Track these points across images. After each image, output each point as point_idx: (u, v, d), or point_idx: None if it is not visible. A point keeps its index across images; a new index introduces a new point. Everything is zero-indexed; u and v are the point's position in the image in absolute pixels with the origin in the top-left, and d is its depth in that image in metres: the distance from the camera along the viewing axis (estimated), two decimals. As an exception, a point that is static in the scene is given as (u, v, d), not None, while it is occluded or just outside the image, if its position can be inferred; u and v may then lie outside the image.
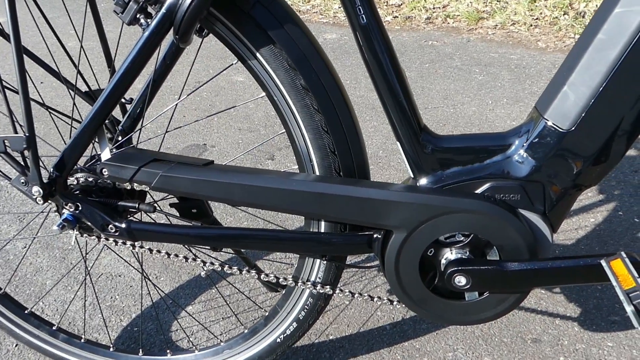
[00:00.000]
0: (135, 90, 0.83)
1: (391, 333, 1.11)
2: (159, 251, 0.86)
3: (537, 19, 2.72)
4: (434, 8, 3.10)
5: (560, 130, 0.69)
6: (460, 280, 0.74)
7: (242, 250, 1.09)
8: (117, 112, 0.89)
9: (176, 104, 0.90)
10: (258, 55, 0.73)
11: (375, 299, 0.86)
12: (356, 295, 0.85)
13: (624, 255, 0.66)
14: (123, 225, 0.79)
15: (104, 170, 0.77)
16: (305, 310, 0.91)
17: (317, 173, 0.79)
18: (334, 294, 0.87)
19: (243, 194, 0.75)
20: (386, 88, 0.73)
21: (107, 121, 0.96)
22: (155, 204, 0.81)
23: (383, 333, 1.11)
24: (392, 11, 3.19)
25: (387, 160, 1.72)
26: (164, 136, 1.31)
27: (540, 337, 1.07)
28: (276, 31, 0.72)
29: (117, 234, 0.79)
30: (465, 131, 1.84)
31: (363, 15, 0.70)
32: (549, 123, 0.70)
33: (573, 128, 0.68)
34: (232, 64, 0.82)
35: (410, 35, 2.81)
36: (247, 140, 1.92)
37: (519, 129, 0.75)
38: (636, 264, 0.66)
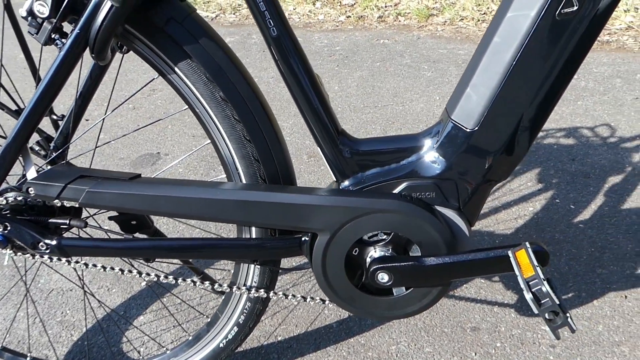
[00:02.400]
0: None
1: (337, 330, 1.14)
2: (94, 265, 0.87)
3: (484, 14, 2.79)
4: (385, 6, 3.15)
5: (466, 129, 0.73)
6: (383, 277, 0.77)
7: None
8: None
9: (103, 119, 0.91)
10: (176, 69, 0.75)
11: (308, 300, 0.88)
12: (289, 297, 0.87)
13: (528, 246, 0.70)
14: (53, 243, 0.80)
15: (30, 189, 0.78)
16: (245, 314, 0.93)
17: (244, 181, 0.82)
18: (272, 297, 0.89)
19: (169, 206, 0.77)
20: (302, 96, 0.76)
21: (40, 138, 0.97)
22: (87, 220, 0.83)
23: (330, 331, 1.14)
24: (345, 11, 3.22)
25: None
26: (94, 152, 1.31)
27: (479, 325, 1.11)
28: (191, 46, 0.74)
29: (48, 251, 0.80)
30: (413, 129, 1.88)
31: (274, 28, 0.72)
32: (456, 123, 0.73)
33: (477, 127, 0.72)
34: (153, 79, 0.84)
35: (363, 35, 2.85)
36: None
37: (431, 129, 0.79)
38: (539, 253, 0.71)
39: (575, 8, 0.64)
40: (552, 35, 0.66)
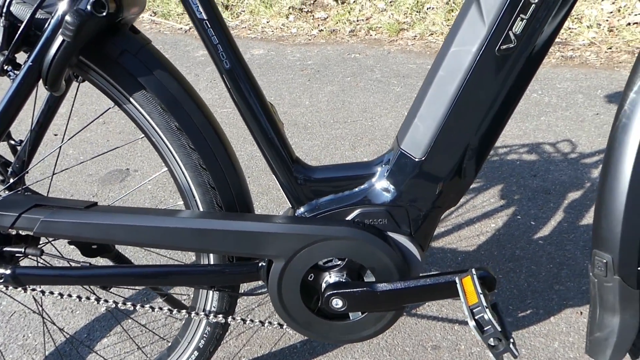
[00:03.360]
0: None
1: (301, 351, 1.15)
2: (51, 292, 0.87)
3: (453, 28, 2.83)
4: (357, 21, 3.18)
5: (414, 159, 0.75)
6: (337, 303, 0.79)
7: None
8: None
9: (60, 147, 0.91)
10: (132, 100, 0.76)
11: (266, 325, 0.89)
12: (247, 322, 0.88)
13: (474, 272, 0.72)
14: (7, 272, 0.80)
15: (-17, 219, 0.78)
16: (205, 339, 0.94)
17: (200, 208, 0.83)
18: (231, 322, 0.90)
19: (125, 235, 0.78)
20: (256, 126, 0.78)
21: (-1, 163, 0.97)
22: (43, 248, 0.83)
23: (294, 351, 1.15)
24: (318, 24, 3.25)
25: (306, 176, 1.76)
26: (52, 178, 1.31)
27: (440, 343, 1.13)
28: (146, 77, 0.75)
29: (2, 280, 0.80)
30: (381, 144, 1.90)
31: (226, 61, 0.73)
32: (405, 152, 0.75)
33: (425, 157, 0.74)
34: (109, 108, 0.84)
35: (335, 49, 2.88)
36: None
37: (382, 157, 0.81)
38: (485, 279, 0.73)
39: (514, 45, 0.67)
40: (493, 69, 0.68)
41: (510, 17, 0.65)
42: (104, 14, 0.68)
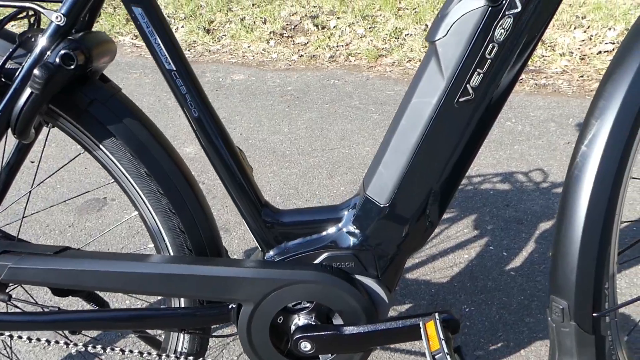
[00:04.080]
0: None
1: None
2: (20, 337, 0.87)
3: (431, 55, 2.89)
4: (337, 46, 3.23)
5: (379, 205, 0.76)
6: (306, 346, 0.80)
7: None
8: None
9: (29, 191, 0.91)
10: (101, 146, 0.77)
11: (237, 366, 0.90)
12: (218, 363, 0.88)
13: (437, 317, 0.74)
14: (-26, 318, 0.80)
15: (-49, 265, 0.78)
16: (176, 380, 0.94)
17: (171, 252, 0.83)
18: (201, 362, 0.90)
19: (94, 281, 0.78)
20: (224, 172, 0.79)
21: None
22: (10, 293, 0.82)
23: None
24: (299, 50, 3.29)
25: (284, 206, 1.78)
26: (22, 221, 1.31)
27: (413, 377, 1.14)
28: (115, 125, 0.76)
29: (-32, 326, 0.80)
30: (358, 172, 1.93)
31: (195, 109, 0.75)
32: (370, 198, 0.77)
33: (389, 203, 0.76)
34: (79, 154, 0.85)
35: (314, 75, 2.91)
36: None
37: (349, 202, 0.82)
38: (449, 322, 0.74)
39: (472, 97, 0.69)
40: (452, 121, 0.71)
41: (467, 72, 0.68)
42: (73, 66, 0.69)
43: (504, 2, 0.65)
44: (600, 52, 2.70)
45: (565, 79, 2.51)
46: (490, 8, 0.65)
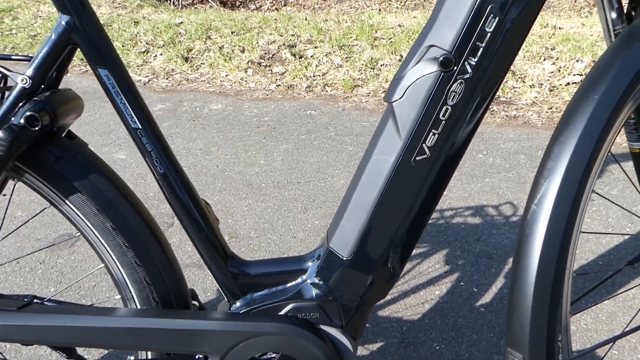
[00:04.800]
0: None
1: None
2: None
3: (405, 86, 2.95)
4: (314, 76, 3.27)
5: (342, 257, 0.78)
6: (271, 397, 0.81)
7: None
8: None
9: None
10: (67, 202, 0.78)
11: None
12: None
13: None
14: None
15: None
16: None
17: (137, 303, 0.84)
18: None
19: (59, 336, 0.78)
20: (190, 225, 0.80)
21: None
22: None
23: None
24: (276, 79, 3.33)
25: (258, 241, 1.79)
26: None
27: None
28: (81, 181, 0.77)
29: None
30: (333, 206, 1.95)
31: (160, 166, 0.76)
32: (333, 251, 0.79)
33: (351, 256, 0.78)
34: (45, 208, 0.86)
35: (291, 105, 2.95)
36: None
37: (314, 253, 0.84)
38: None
39: (428, 156, 0.72)
40: (410, 178, 0.73)
41: (423, 132, 0.71)
42: (38, 128, 0.70)
43: (455, 67, 0.68)
44: (568, 83, 2.79)
45: (535, 111, 2.58)
46: (442, 73, 0.68)
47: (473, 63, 0.68)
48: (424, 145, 0.72)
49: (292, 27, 3.98)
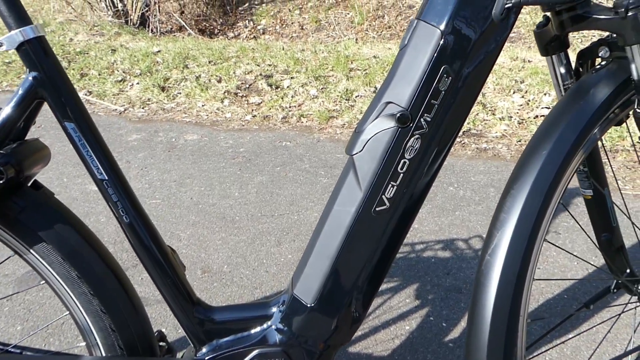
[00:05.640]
0: None
1: None
2: None
3: (379, 117, 3.00)
4: (290, 107, 3.31)
5: (306, 304, 0.80)
6: None
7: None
8: None
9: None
10: (32, 251, 0.78)
11: None
12: None
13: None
14: None
15: None
16: None
17: (102, 350, 0.84)
18: None
19: (20, 385, 0.78)
20: (156, 273, 0.81)
21: None
22: None
23: None
24: (252, 110, 3.36)
25: (231, 276, 1.79)
26: None
27: None
28: (46, 231, 0.77)
29: None
30: (305, 240, 1.96)
31: (126, 216, 0.78)
32: (297, 297, 0.81)
33: (314, 303, 0.79)
34: (9, 257, 0.86)
35: (267, 136, 2.98)
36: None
37: (279, 298, 0.86)
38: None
39: (387, 206, 0.75)
40: (370, 228, 0.76)
41: (382, 184, 0.74)
42: (3, 180, 0.71)
43: (411, 124, 0.71)
44: (537, 116, 2.87)
45: (505, 143, 2.65)
46: (399, 129, 0.71)
47: (429, 119, 0.71)
48: (383, 196, 0.74)
49: (269, 57, 4.03)
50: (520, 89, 3.15)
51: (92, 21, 5.46)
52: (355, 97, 3.32)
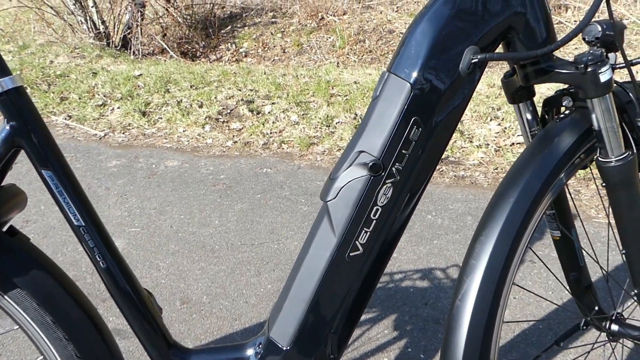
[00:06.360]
0: None
1: None
2: None
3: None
4: (270, 133, 3.34)
5: (282, 347, 0.81)
6: None
7: None
8: None
9: None
10: (6, 297, 0.78)
11: None
12: None
13: None
14: None
15: None
16: None
17: (76, 395, 0.83)
18: None
19: None
20: (133, 317, 0.81)
21: None
22: None
23: None
24: (233, 135, 3.38)
25: (210, 307, 1.78)
26: None
27: None
28: (21, 277, 0.78)
29: None
30: (285, 269, 1.97)
31: (102, 261, 0.78)
32: (273, 340, 0.81)
33: (290, 346, 0.80)
34: (-16, 302, 0.85)
35: (248, 162, 2.99)
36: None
37: (256, 340, 0.86)
38: None
39: (361, 251, 0.76)
40: (344, 272, 0.77)
41: (355, 231, 0.75)
42: (-22, 229, 0.71)
43: (383, 173, 0.73)
44: (513, 144, 2.93)
45: (482, 171, 2.70)
46: (372, 177, 0.74)
47: (400, 168, 0.74)
48: (357, 242, 0.76)
49: (250, 82, 4.06)
50: (497, 116, 3.22)
51: (73, 43, 5.45)
52: (336, 123, 3.36)
